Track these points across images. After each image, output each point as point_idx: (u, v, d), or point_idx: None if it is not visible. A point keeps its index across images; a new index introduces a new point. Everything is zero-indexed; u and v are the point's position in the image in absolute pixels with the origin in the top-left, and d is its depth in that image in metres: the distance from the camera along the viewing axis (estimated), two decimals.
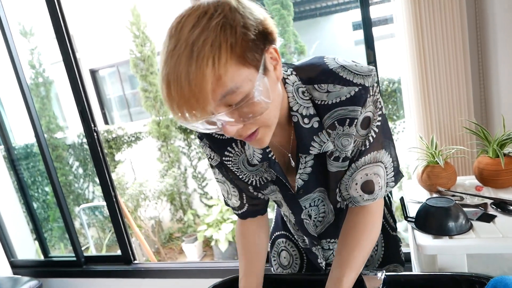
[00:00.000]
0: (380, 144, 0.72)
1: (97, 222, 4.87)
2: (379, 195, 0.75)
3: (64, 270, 2.57)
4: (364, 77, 0.65)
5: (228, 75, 0.52)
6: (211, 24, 0.51)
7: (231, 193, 0.86)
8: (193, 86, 0.50)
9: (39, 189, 4.57)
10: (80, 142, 4.77)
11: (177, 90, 0.51)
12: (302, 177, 0.76)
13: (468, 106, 1.46)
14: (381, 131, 0.71)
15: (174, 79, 0.51)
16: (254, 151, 0.72)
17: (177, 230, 4.81)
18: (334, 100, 0.66)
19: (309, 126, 0.68)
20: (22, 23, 4.56)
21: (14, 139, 4.56)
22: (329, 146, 0.69)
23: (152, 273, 2.30)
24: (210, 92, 0.51)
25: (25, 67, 4.56)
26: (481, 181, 1.21)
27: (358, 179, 0.74)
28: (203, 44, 0.50)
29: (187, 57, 0.50)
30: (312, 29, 4.58)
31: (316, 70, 0.68)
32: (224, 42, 0.51)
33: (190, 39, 0.51)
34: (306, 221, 0.87)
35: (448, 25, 1.39)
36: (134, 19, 4.42)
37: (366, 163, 0.73)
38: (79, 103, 2.14)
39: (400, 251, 1.01)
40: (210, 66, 0.50)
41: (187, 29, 0.52)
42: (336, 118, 0.67)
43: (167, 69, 0.52)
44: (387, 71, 3.27)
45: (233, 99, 0.54)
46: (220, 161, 0.80)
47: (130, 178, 4.74)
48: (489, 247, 0.89)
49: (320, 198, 0.83)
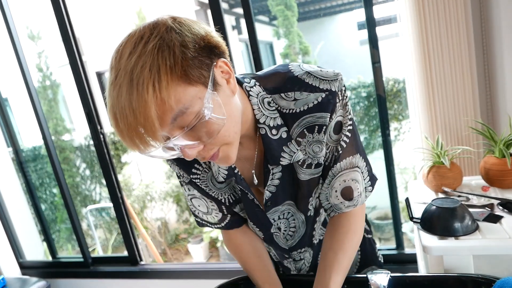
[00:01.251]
0: (354, 148, 0.72)
1: (104, 223, 4.90)
2: (359, 202, 0.75)
3: (72, 271, 2.59)
4: (331, 82, 0.64)
5: (172, 97, 0.49)
6: (147, 48, 0.49)
7: (210, 208, 0.82)
8: (137, 115, 0.48)
9: (47, 191, 4.62)
10: (87, 144, 4.80)
11: (124, 121, 0.49)
12: (269, 189, 0.74)
13: (474, 106, 1.45)
14: (353, 135, 0.71)
15: (118, 111, 0.49)
16: (219, 168, 0.70)
17: (183, 231, 4.83)
18: (301, 107, 0.65)
19: (278, 137, 0.66)
20: (29, 27, 4.61)
21: (22, 141, 4.62)
22: (299, 155, 0.68)
23: (158, 274, 2.31)
24: (156, 118, 0.49)
25: (33, 70, 4.62)
26: (488, 181, 1.20)
27: (337, 186, 0.73)
28: (141, 70, 0.48)
29: (128, 86, 0.48)
30: (317, 29, 4.57)
31: (281, 78, 0.66)
32: (163, 64, 0.49)
33: (128, 67, 0.49)
34: (276, 234, 0.85)
35: (453, 24, 1.39)
36: (139, 21, 4.45)
37: (343, 169, 0.72)
38: (85, 106, 2.16)
39: (376, 253, 1.01)
40: (151, 91, 0.48)
41: (125, 57, 0.50)
42: (305, 126, 0.67)
43: (111, 101, 0.50)
44: (392, 71, 3.26)
45: (185, 120, 0.51)
46: (190, 179, 0.78)
47: (136, 180, 4.77)
48: (496, 248, 0.88)
49: (290, 212, 0.81)
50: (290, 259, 0.92)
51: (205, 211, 0.83)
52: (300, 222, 0.84)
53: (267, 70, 0.71)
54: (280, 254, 0.92)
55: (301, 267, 0.95)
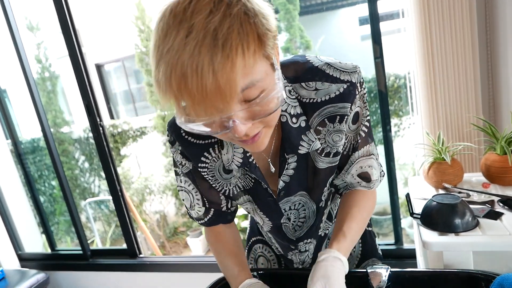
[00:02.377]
0: (370, 137, 0.75)
1: (103, 216, 4.91)
2: (375, 185, 0.79)
3: (71, 263, 2.60)
4: (351, 74, 0.65)
5: (255, 66, 0.48)
6: (233, 11, 0.46)
7: (194, 203, 0.81)
8: (219, 78, 0.44)
9: (46, 183, 4.62)
10: (86, 136, 4.80)
11: (196, 83, 0.45)
12: (283, 179, 0.74)
13: (476, 103, 1.44)
14: (369, 125, 0.74)
15: (191, 69, 0.44)
16: (233, 155, 0.69)
17: (182, 224, 4.84)
18: (323, 97, 0.65)
19: (297, 125, 0.67)
20: (28, 18, 4.57)
21: (21, 133, 4.61)
22: (316, 144, 0.69)
23: (157, 267, 2.32)
24: (239, 84, 0.46)
25: (32, 62, 4.59)
26: (488, 178, 1.20)
27: (354, 172, 0.76)
28: (229, 32, 0.45)
29: (210, 45, 0.44)
30: (318, 24, 4.54)
31: (301, 68, 0.66)
32: (252, 31, 0.46)
33: (210, 26, 0.45)
34: (285, 225, 0.85)
35: (457, 21, 1.38)
36: (139, 13, 4.42)
37: (360, 157, 0.75)
38: (85, 98, 2.15)
39: (376, 246, 1.01)
40: (240, 55, 0.45)
41: (203, 14, 0.45)
42: (326, 116, 0.67)
43: (180, 58, 0.45)
44: (394, 67, 3.25)
45: (251, 93, 0.49)
46: (192, 168, 0.76)
47: (135, 173, 4.77)
48: (496, 245, 0.88)
49: (301, 203, 0.81)
50: (296, 250, 0.92)
51: (189, 205, 0.82)
52: (310, 213, 0.84)
53: (284, 59, 0.70)
54: (286, 246, 0.92)
55: (304, 259, 0.95)
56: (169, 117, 4.57)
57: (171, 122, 0.74)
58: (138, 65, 4.58)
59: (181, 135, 0.72)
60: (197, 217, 0.84)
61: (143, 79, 4.66)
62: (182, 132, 0.72)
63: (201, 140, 0.72)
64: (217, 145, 0.72)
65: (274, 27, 0.51)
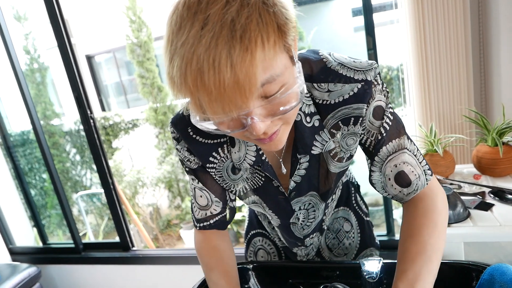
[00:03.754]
0: (399, 131, 0.66)
1: (95, 209, 4.88)
2: (419, 186, 0.66)
3: (63, 256, 2.58)
4: (366, 72, 0.61)
5: (276, 59, 0.45)
6: (250, 1, 0.43)
7: (211, 200, 0.77)
8: (237, 72, 0.41)
9: (37, 176, 4.57)
10: (77, 129, 4.74)
11: (214, 78, 0.42)
12: (295, 179, 0.71)
13: (468, 95, 1.45)
14: (395, 118, 0.67)
15: (208, 63, 0.42)
16: (246, 153, 0.67)
17: (175, 217, 4.84)
18: (337, 99, 0.62)
19: (311, 124, 0.64)
20: (16, 7, 4.47)
21: (10, 125, 4.53)
22: (330, 145, 0.66)
23: (150, 260, 2.32)
24: (259, 78, 0.43)
25: (20, 53, 4.50)
26: (480, 169, 1.21)
27: (389, 174, 0.67)
28: (247, 22, 0.42)
29: (228, 37, 0.41)
30: (311, 15, 4.51)
31: (314, 67, 0.63)
32: (271, 21, 0.43)
33: (227, 17, 0.42)
34: (294, 224, 0.84)
35: (450, 13, 1.37)
36: (130, 3, 4.35)
37: (390, 153, 0.66)
38: (74, 90, 2.11)
39: (374, 236, 1.01)
40: (260, 46, 0.42)
41: (219, 6, 0.42)
42: (340, 118, 0.63)
43: (195, 52, 0.42)
44: (387, 58, 3.25)
45: (271, 88, 0.46)
46: (202, 165, 0.73)
47: (127, 165, 4.74)
48: (487, 236, 0.90)
49: (311, 203, 0.79)
50: (302, 246, 0.91)
51: (205, 204, 0.77)
52: (319, 212, 0.82)
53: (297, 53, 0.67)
54: (293, 243, 0.91)
55: (309, 253, 0.95)
56: (161, 109, 4.53)
57: (176, 119, 0.70)
58: (129, 57, 4.52)
59: (188, 134, 0.69)
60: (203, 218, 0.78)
61: (134, 70, 4.60)
62: (190, 131, 0.68)
63: (210, 139, 0.68)
64: (227, 144, 0.69)
65: (293, 17, 0.48)
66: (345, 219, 0.97)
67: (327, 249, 0.97)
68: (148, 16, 4.45)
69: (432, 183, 0.68)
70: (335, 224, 0.96)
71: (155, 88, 4.51)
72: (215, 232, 0.81)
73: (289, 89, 0.47)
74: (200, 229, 0.80)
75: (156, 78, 4.49)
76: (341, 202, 0.95)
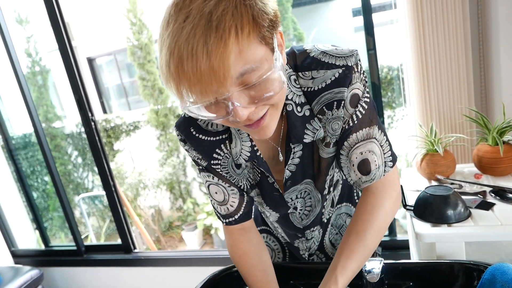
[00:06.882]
0: (371, 120, 0.69)
1: (97, 211, 4.89)
2: (376, 175, 0.70)
3: (65, 259, 2.58)
4: (347, 58, 0.64)
5: (250, 49, 0.48)
6: None
7: (229, 194, 0.78)
8: (212, 59, 0.45)
9: (39, 179, 4.58)
10: (78, 131, 4.75)
11: (191, 65, 0.46)
12: (290, 168, 0.74)
13: (468, 94, 1.45)
14: (370, 107, 0.69)
15: (187, 51, 0.46)
16: (241, 148, 0.70)
17: (177, 218, 4.84)
18: (320, 85, 0.65)
19: (302, 114, 0.67)
20: (17, 11, 4.49)
21: (12, 128, 4.55)
22: (321, 132, 0.69)
23: (152, 262, 2.32)
24: (232, 64, 0.46)
25: (21, 56, 4.52)
26: (480, 169, 1.21)
27: (354, 160, 0.70)
28: (223, 14, 0.46)
29: (204, 27, 0.45)
30: (311, 15, 4.52)
31: (299, 57, 0.67)
32: (246, 13, 0.47)
33: (205, 10, 0.46)
34: (292, 214, 0.86)
35: (449, 12, 1.37)
36: (130, 6, 4.36)
37: (359, 140, 0.69)
38: (76, 92, 2.12)
39: None
40: (233, 36, 0.46)
41: (200, 0, 0.47)
42: (324, 103, 0.66)
43: (177, 42, 0.47)
44: (387, 58, 3.25)
45: (250, 78, 0.50)
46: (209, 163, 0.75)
47: (129, 167, 4.75)
48: (488, 235, 0.89)
49: (307, 191, 0.81)
50: (303, 238, 0.93)
51: (222, 199, 0.79)
52: (316, 201, 0.84)
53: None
54: (293, 234, 0.92)
55: (310, 246, 0.96)
56: (163, 111, 4.54)
57: (179, 121, 0.73)
58: (130, 59, 4.53)
59: (191, 134, 0.71)
60: (227, 213, 0.80)
61: (135, 73, 4.61)
62: (192, 131, 0.71)
63: (211, 137, 0.71)
64: (228, 140, 0.72)
65: (272, 10, 0.51)
66: (348, 215, 0.98)
67: (330, 244, 0.99)
68: (148, 18, 4.47)
69: (390, 175, 0.72)
70: (338, 220, 0.97)
71: (156, 90, 4.52)
72: (242, 232, 0.82)
73: (264, 74, 0.50)
74: (227, 225, 0.82)
75: (157, 80, 4.50)
76: (343, 198, 0.96)
